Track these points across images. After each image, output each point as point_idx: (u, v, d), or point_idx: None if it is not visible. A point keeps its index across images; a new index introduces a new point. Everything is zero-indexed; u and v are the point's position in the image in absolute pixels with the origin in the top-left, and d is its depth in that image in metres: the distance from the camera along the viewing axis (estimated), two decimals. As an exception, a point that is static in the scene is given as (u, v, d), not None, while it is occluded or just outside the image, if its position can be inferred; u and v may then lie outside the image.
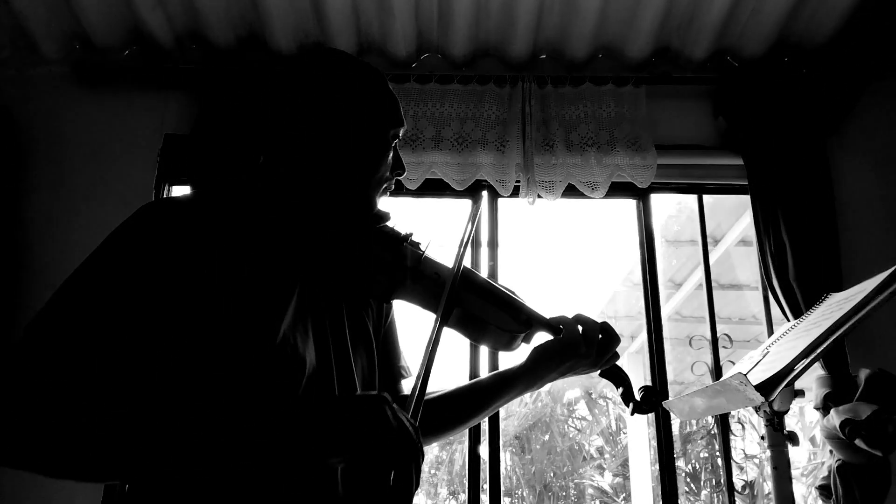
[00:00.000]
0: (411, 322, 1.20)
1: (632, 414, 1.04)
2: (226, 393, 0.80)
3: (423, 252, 1.02)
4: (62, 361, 0.72)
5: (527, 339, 1.07)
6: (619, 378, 1.09)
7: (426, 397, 1.12)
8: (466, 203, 2.66)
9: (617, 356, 1.09)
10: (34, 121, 2.55)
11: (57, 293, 0.77)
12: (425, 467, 8.53)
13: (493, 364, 2.42)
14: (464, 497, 8.10)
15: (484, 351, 2.40)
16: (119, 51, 2.55)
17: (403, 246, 1.01)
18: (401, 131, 1.04)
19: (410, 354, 1.15)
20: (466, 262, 1.01)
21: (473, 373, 2.42)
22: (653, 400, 1.05)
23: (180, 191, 2.57)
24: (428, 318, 0.95)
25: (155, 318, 0.78)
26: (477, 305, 1.01)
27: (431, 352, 0.82)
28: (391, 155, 1.03)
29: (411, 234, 1.03)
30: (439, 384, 1.14)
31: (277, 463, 0.74)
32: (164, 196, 2.47)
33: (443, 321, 0.87)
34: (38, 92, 2.58)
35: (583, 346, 1.04)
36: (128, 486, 0.82)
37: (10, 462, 0.71)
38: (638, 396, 1.06)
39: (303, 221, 0.98)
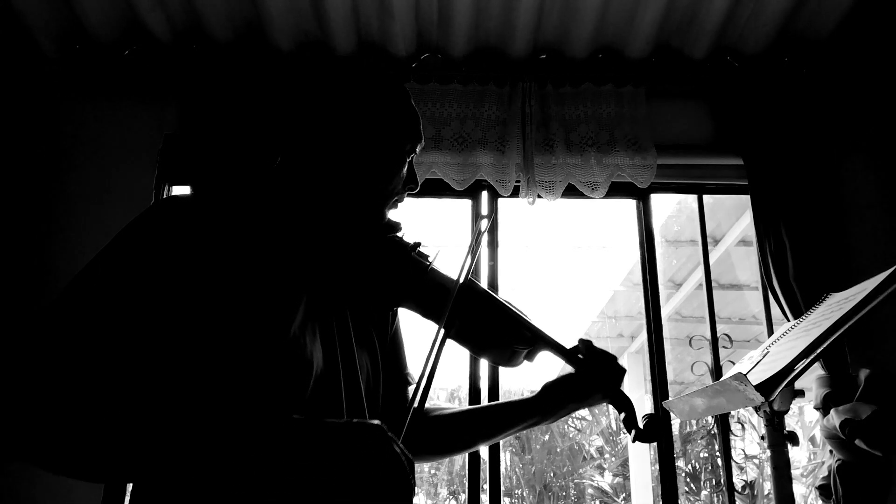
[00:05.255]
0: (414, 329, 1.20)
1: (633, 441, 1.03)
2: (235, 390, 0.80)
3: (430, 263, 1.03)
4: (68, 355, 0.71)
5: (529, 357, 1.06)
6: (622, 403, 1.06)
7: (435, 414, 1.12)
8: (466, 203, 2.66)
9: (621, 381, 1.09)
10: (34, 121, 2.55)
11: (67, 288, 0.77)
12: (426, 467, 8.52)
13: (494, 377, 2.42)
14: (464, 497, 8.10)
15: (484, 363, 2.39)
16: (119, 51, 2.55)
17: (410, 256, 1.02)
18: (418, 147, 1.05)
19: (414, 362, 1.15)
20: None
21: (473, 384, 2.41)
22: (656, 429, 1.03)
23: (180, 191, 2.57)
24: (431, 327, 0.96)
25: (165, 313, 0.77)
26: (480, 319, 1.01)
27: (434, 364, 0.81)
28: (405, 169, 1.04)
29: (419, 245, 1.04)
30: (448, 403, 1.15)
31: (262, 480, 0.71)
32: (169, 195, 2.47)
33: (445, 334, 0.87)
34: (38, 92, 2.58)
35: (595, 383, 1.05)
36: (132, 487, 0.82)
37: (16, 454, 0.70)
38: (641, 424, 1.03)
39: (313, 225, 0.99)
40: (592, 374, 1.06)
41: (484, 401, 2.39)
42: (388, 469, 0.69)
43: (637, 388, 6.36)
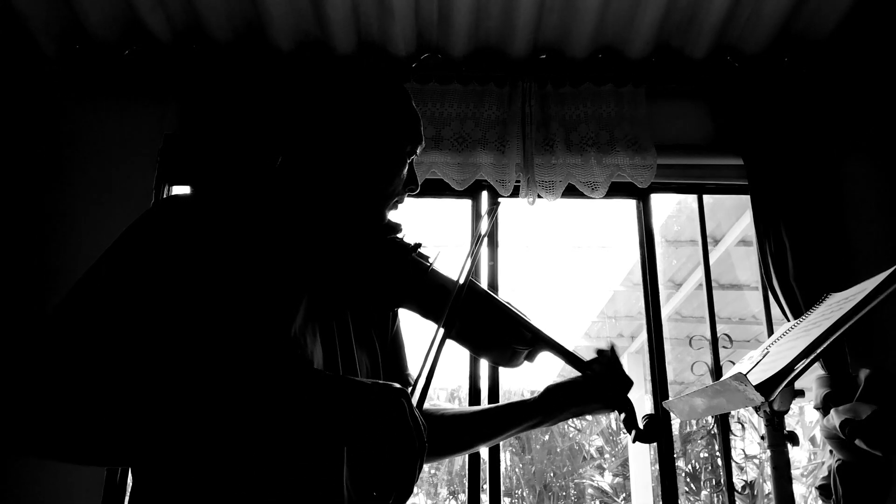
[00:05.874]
0: (414, 329, 1.20)
1: (633, 441, 1.03)
2: (237, 386, 0.80)
3: (431, 264, 1.03)
4: (74, 354, 0.72)
5: (530, 358, 1.06)
6: (622, 404, 1.06)
7: (436, 415, 1.12)
8: (466, 203, 2.66)
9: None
10: (34, 121, 2.55)
11: (73, 289, 0.77)
12: (426, 467, 8.52)
13: (494, 377, 2.42)
14: (464, 497, 8.09)
15: (484, 363, 2.39)
16: (119, 51, 2.55)
17: (411, 257, 1.02)
18: (418, 148, 1.05)
19: (414, 363, 1.15)
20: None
21: (473, 384, 2.41)
22: (656, 429, 1.03)
23: (180, 191, 2.57)
24: (431, 327, 0.96)
25: (168, 313, 0.78)
26: (480, 319, 1.02)
27: (433, 364, 0.82)
28: (405, 170, 1.04)
29: (420, 246, 1.04)
30: (448, 403, 1.14)
31: (287, 436, 0.75)
32: (169, 195, 2.47)
33: (445, 335, 0.88)
34: (38, 92, 2.58)
35: (602, 393, 1.05)
36: (132, 485, 0.82)
37: (27, 449, 0.71)
38: (641, 424, 1.03)
39: (314, 226, 0.99)
40: (599, 382, 1.05)
41: (484, 401, 2.39)
42: (405, 425, 0.73)
43: (637, 388, 6.35)
